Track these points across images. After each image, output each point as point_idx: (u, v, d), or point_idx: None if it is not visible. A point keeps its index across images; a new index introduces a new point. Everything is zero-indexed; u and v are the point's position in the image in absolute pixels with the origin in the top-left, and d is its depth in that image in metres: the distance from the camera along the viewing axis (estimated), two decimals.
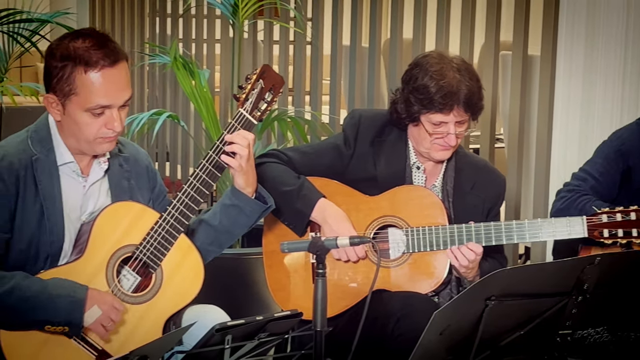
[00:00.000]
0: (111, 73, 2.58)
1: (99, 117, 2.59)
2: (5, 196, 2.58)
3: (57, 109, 2.62)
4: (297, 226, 3.05)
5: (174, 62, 4.37)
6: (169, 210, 2.68)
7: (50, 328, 2.51)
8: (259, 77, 2.81)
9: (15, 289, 2.50)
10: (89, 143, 2.63)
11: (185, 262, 2.72)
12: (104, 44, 2.59)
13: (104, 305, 2.55)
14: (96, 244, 2.63)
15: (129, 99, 2.65)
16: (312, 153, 3.17)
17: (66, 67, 2.56)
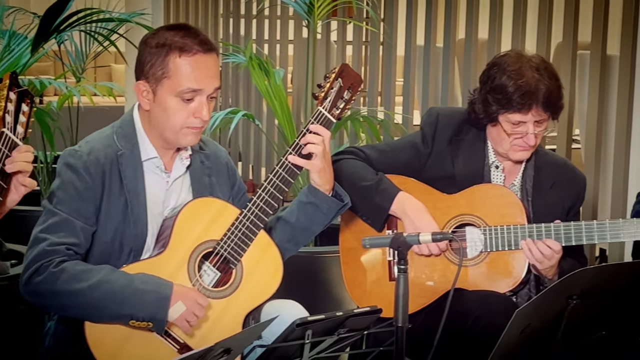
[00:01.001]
0: (204, 59, 2.64)
1: (188, 103, 2.64)
2: (92, 190, 2.63)
3: (147, 97, 2.67)
4: (376, 221, 3.05)
5: (250, 61, 4.42)
6: (249, 206, 2.71)
7: (134, 323, 2.54)
8: (337, 76, 2.83)
9: (102, 282, 2.54)
10: (175, 133, 2.67)
11: (265, 258, 2.75)
12: (197, 34, 2.67)
13: (188, 301, 2.58)
14: (178, 238, 2.67)
15: (218, 89, 2.69)
16: (389, 151, 3.17)
17: (160, 52, 2.63)
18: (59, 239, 2.57)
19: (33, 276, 2.54)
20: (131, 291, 2.54)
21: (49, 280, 2.52)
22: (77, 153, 2.66)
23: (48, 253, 2.55)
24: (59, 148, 5.86)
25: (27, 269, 2.55)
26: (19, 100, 2.35)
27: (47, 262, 2.54)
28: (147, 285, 2.56)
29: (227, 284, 2.70)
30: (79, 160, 2.64)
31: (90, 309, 2.54)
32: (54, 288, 2.52)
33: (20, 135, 2.34)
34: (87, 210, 2.63)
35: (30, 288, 2.55)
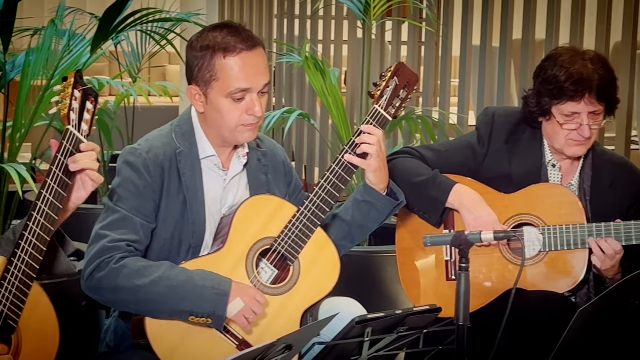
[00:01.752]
0: (249, 57, 2.64)
1: (240, 102, 2.65)
2: (151, 187, 2.66)
3: (200, 100, 2.69)
4: (432, 215, 3.04)
5: (306, 61, 4.43)
6: (306, 204, 2.72)
7: (193, 319, 2.56)
8: (393, 75, 2.84)
9: (162, 278, 2.56)
10: (232, 131, 2.68)
11: (322, 255, 2.75)
12: (239, 31, 2.67)
13: (247, 297, 2.59)
14: (236, 236, 2.68)
15: (268, 84, 2.70)
16: (444, 151, 3.17)
17: (206, 55, 2.64)
18: (120, 235, 2.59)
19: (94, 272, 2.57)
20: (191, 287, 2.55)
21: (110, 276, 2.55)
22: (136, 151, 2.69)
23: (109, 249, 2.57)
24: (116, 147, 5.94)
25: (88, 265, 2.58)
26: (83, 98, 2.37)
27: (108, 259, 2.57)
28: (207, 282, 2.57)
29: (284, 281, 2.71)
30: (139, 158, 2.67)
31: (151, 305, 2.56)
32: (115, 284, 2.55)
33: (85, 133, 2.37)
34: (147, 208, 2.65)
35: (91, 284, 2.58)
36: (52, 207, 2.26)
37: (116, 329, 2.76)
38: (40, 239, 2.23)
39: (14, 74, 4.22)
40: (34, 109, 4.11)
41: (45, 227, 2.24)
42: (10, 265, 2.18)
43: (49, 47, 4.20)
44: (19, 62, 4.26)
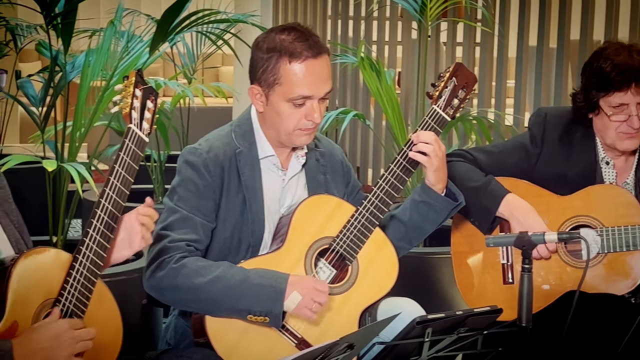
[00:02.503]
0: (314, 64, 2.64)
1: (300, 107, 2.66)
2: (211, 187, 2.68)
3: (260, 100, 2.70)
4: (483, 223, 3.03)
5: (361, 61, 4.44)
6: (364, 204, 2.73)
7: (252, 318, 2.57)
8: (452, 75, 2.84)
9: (220, 277, 2.58)
10: (289, 134, 2.70)
11: (380, 255, 2.75)
12: (307, 37, 2.66)
13: (304, 289, 2.58)
14: (295, 235, 2.69)
15: (329, 92, 2.71)
16: (497, 153, 3.15)
17: (271, 58, 2.65)
18: (179, 235, 2.62)
19: (155, 271, 2.60)
20: (248, 286, 2.57)
21: (170, 275, 2.58)
22: (197, 151, 2.71)
23: (169, 249, 2.60)
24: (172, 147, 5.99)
25: (149, 264, 2.61)
26: (144, 97, 2.39)
27: (168, 258, 2.59)
28: (263, 280, 2.59)
29: (342, 280, 2.71)
30: (199, 158, 2.69)
31: (209, 304, 2.58)
32: (175, 283, 2.57)
33: (146, 132, 2.38)
34: (207, 207, 2.67)
35: (152, 283, 2.61)
36: (115, 204, 2.28)
37: (176, 327, 2.79)
38: (104, 236, 2.26)
39: (74, 74, 4.29)
40: (93, 109, 4.17)
41: (108, 225, 2.27)
42: (75, 262, 2.21)
43: (108, 47, 4.25)
44: (78, 62, 4.32)
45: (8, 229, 2.30)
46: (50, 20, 3.92)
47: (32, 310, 2.13)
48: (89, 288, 2.21)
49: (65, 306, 2.17)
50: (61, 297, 2.18)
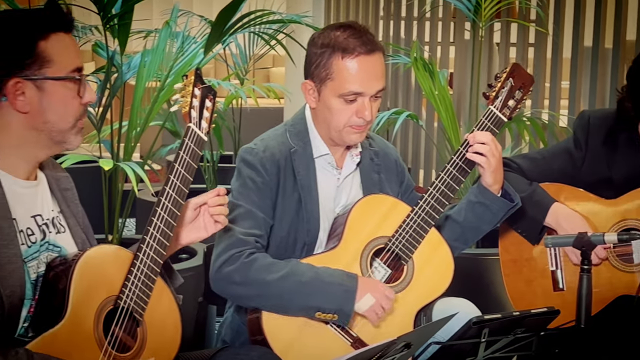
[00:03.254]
0: (366, 61, 2.65)
1: (351, 104, 2.67)
2: (268, 185, 2.70)
3: (313, 95, 2.72)
4: (531, 233, 3.01)
5: (414, 62, 4.43)
6: (420, 204, 2.73)
7: (320, 315, 2.58)
8: (509, 75, 2.83)
9: (291, 274, 2.60)
10: (339, 131, 2.71)
11: (436, 255, 2.75)
12: (362, 34, 2.68)
13: (377, 293, 2.60)
14: (351, 234, 2.70)
15: (382, 90, 2.71)
16: (540, 159, 3.12)
17: (324, 53, 2.66)
18: (247, 229, 2.64)
19: (224, 265, 2.61)
20: (319, 284, 2.58)
21: (242, 270, 2.59)
22: (253, 150, 2.73)
23: (239, 243, 2.62)
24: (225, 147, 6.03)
25: (217, 257, 2.62)
26: (202, 96, 2.40)
27: (238, 253, 2.61)
28: (333, 278, 2.60)
29: (397, 280, 2.72)
30: (256, 157, 2.71)
31: (279, 300, 2.59)
32: (246, 277, 2.59)
33: (204, 131, 2.40)
34: (266, 204, 2.69)
35: (220, 276, 2.61)
36: (175, 203, 2.30)
37: (231, 324, 2.81)
38: (164, 234, 2.27)
39: (130, 74, 4.33)
40: (148, 109, 4.21)
41: (168, 223, 2.28)
42: (136, 259, 2.23)
43: (163, 48, 4.29)
44: (134, 63, 4.37)
45: (74, 230, 2.32)
46: (107, 21, 3.96)
47: (94, 307, 2.15)
48: (149, 286, 2.23)
49: (126, 303, 2.19)
50: (122, 294, 2.20)
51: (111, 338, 2.16)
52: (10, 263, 2.10)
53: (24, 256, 2.15)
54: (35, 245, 2.20)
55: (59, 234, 2.27)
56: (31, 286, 2.15)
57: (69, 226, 2.31)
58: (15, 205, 2.16)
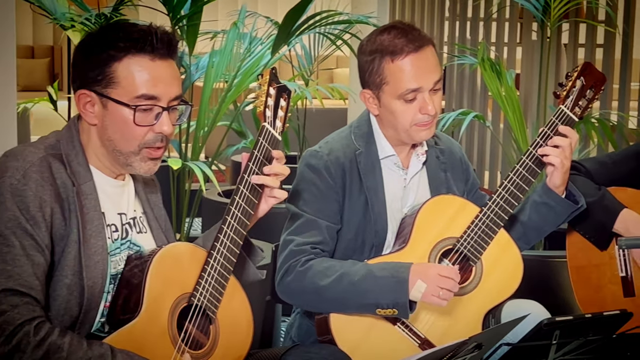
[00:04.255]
0: (416, 57, 2.65)
1: (412, 102, 2.66)
2: (334, 189, 2.70)
3: (373, 103, 2.72)
4: (599, 239, 2.98)
5: (481, 63, 4.41)
6: (489, 205, 2.71)
7: (380, 311, 2.58)
8: (579, 75, 2.80)
9: (344, 275, 2.60)
10: (407, 131, 2.70)
11: (505, 256, 2.73)
12: (407, 32, 2.67)
13: (427, 277, 2.56)
14: (419, 235, 2.69)
15: (439, 81, 2.69)
16: (610, 163, 3.08)
17: (374, 59, 2.66)
18: (304, 239, 2.65)
19: (284, 276, 2.63)
20: (371, 280, 2.58)
21: (297, 279, 2.61)
22: (317, 154, 2.74)
23: (295, 253, 2.64)
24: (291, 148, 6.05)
25: (278, 270, 2.66)
26: (277, 96, 2.41)
27: (295, 262, 2.63)
28: (385, 272, 2.59)
29: (466, 281, 2.70)
30: (320, 161, 2.71)
31: (337, 303, 2.60)
32: (302, 286, 2.60)
33: (279, 130, 2.41)
34: (330, 209, 2.69)
35: (282, 288, 2.65)
36: (249, 202, 2.31)
37: (300, 325, 2.82)
38: (237, 232, 2.29)
39: (198, 75, 4.38)
40: (216, 109, 4.25)
41: (241, 221, 2.30)
42: (210, 257, 2.25)
43: (230, 49, 4.33)
44: (202, 64, 4.41)
45: (156, 233, 2.35)
46: (176, 22, 4.01)
47: (168, 304, 2.17)
48: (222, 283, 2.25)
49: (199, 301, 2.21)
50: (196, 291, 2.21)
51: (184, 335, 2.18)
52: (96, 254, 2.14)
53: (108, 250, 2.19)
54: (117, 241, 2.23)
55: (140, 234, 2.30)
56: (109, 281, 2.19)
57: (150, 228, 2.34)
58: (104, 200, 2.20)
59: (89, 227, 2.13)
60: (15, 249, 2.02)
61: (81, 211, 2.12)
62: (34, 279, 2.03)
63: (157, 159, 2.20)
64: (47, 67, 13.31)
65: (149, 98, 2.13)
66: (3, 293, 1.99)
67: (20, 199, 2.04)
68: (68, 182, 2.12)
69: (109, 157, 2.20)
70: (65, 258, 2.09)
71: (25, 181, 2.05)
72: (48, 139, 2.20)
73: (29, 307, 2.00)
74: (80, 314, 2.11)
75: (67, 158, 2.15)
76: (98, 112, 2.16)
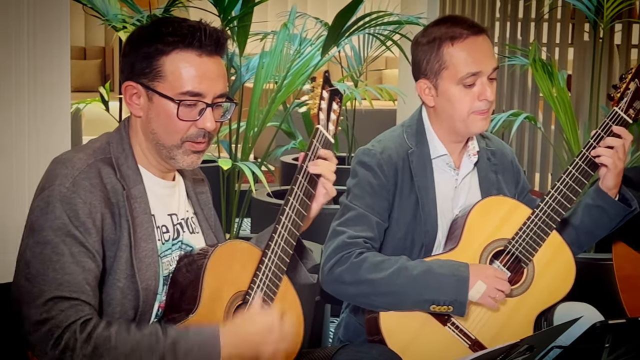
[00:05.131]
0: (476, 41, 2.64)
1: (471, 88, 2.65)
2: (385, 187, 2.70)
3: (430, 94, 2.71)
4: None
5: (533, 63, 4.37)
6: (541, 206, 2.69)
7: (435, 308, 2.57)
8: (634, 76, 2.77)
9: (402, 269, 2.59)
10: (464, 121, 2.68)
11: (557, 259, 2.71)
12: (463, 20, 2.69)
13: (487, 278, 2.58)
14: (470, 236, 2.68)
15: (496, 69, 2.69)
16: None
17: (433, 46, 2.66)
18: (357, 232, 2.64)
19: (335, 266, 2.62)
20: (430, 276, 2.57)
21: (352, 269, 2.60)
22: (370, 152, 2.73)
23: (348, 245, 2.63)
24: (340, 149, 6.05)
25: (327, 260, 2.64)
26: (330, 99, 2.41)
27: (348, 253, 2.62)
28: (445, 269, 2.59)
29: (517, 283, 2.68)
30: (373, 159, 2.71)
31: (392, 297, 2.59)
32: (357, 277, 2.59)
33: (331, 133, 2.41)
34: (381, 207, 2.69)
35: (331, 278, 2.63)
36: (303, 204, 2.30)
37: (347, 325, 2.82)
38: (291, 233, 2.28)
39: (248, 76, 4.40)
40: (266, 110, 4.26)
41: (295, 222, 2.29)
42: (264, 256, 2.25)
43: (280, 50, 4.34)
44: (252, 64, 4.43)
45: (207, 233, 2.35)
46: (227, 23, 4.03)
47: (223, 303, 2.18)
48: (276, 283, 2.26)
49: (253, 299, 2.21)
50: (251, 290, 2.22)
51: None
52: (147, 257, 2.14)
53: (159, 252, 2.19)
54: (168, 242, 2.24)
55: (192, 234, 2.31)
56: (163, 282, 2.19)
57: (201, 228, 2.34)
58: (154, 202, 2.21)
59: (139, 231, 2.13)
60: (65, 257, 2.02)
61: (131, 215, 2.12)
62: (85, 284, 2.03)
63: (199, 152, 2.19)
64: (98, 68, 13.46)
65: (194, 95, 2.13)
66: (52, 301, 2.00)
67: (69, 206, 2.04)
68: (118, 187, 2.12)
69: (153, 152, 2.20)
70: (117, 262, 2.10)
71: (75, 189, 2.06)
72: (98, 141, 2.21)
73: (77, 308, 2.00)
74: (135, 316, 2.12)
75: (116, 161, 2.16)
76: (143, 105, 2.16)
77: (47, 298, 1.99)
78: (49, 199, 2.05)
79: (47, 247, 2.02)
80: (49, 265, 2.01)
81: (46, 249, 2.02)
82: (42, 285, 2.00)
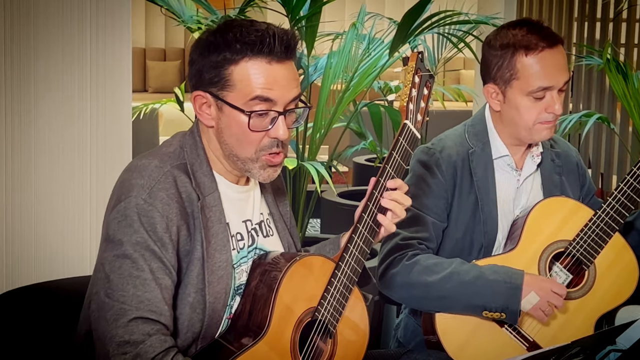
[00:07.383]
0: (551, 54, 2.58)
1: (539, 101, 2.60)
2: (444, 186, 2.67)
3: (497, 98, 2.66)
4: None
5: (606, 63, 4.29)
6: (603, 208, 2.63)
7: (487, 314, 2.54)
8: None
9: (453, 274, 2.57)
10: (528, 130, 2.64)
11: (619, 261, 2.65)
12: (540, 28, 2.61)
13: (541, 291, 2.53)
14: (530, 237, 2.64)
15: (568, 82, 2.63)
16: None
17: (506, 53, 2.60)
18: (411, 233, 2.62)
19: (388, 269, 2.61)
20: (482, 282, 2.54)
21: (403, 272, 2.58)
22: (429, 150, 2.71)
23: (401, 247, 2.61)
24: None
25: (382, 262, 2.63)
26: (421, 85, 2.22)
27: (400, 255, 2.60)
28: (498, 276, 2.55)
29: (578, 286, 2.63)
30: (432, 158, 2.69)
31: (442, 301, 2.56)
32: (408, 280, 2.57)
33: (418, 124, 2.23)
34: (438, 207, 2.66)
35: (385, 280, 2.62)
36: (382, 208, 2.21)
37: (406, 326, 2.80)
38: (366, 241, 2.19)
39: (316, 76, 4.40)
40: (333, 110, 4.26)
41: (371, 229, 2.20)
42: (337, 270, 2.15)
43: (349, 50, 4.33)
44: (320, 64, 4.43)
45: (282, 234, 2.28)
46: (295, 23, 4.03)
47: (294, 320, 2.09)
48: (345, 296, 2.14)
49: (323, 316, 2.12)
50: (321, 306, 2.12)
51: (306, 352, 2.11)
52: (220, 269, 2.08)
53: (233, 262, 2.13)
54: (243, 250, 2.17)
55: (267, 238, 2.23)
56: (233, 293, 2.13)
57: (277, 229, 2.27)
58: (228, 209, 2.14)
59: (213, 242, 2.07)
60: (145, 273, 1.97)
61: (205, 225, 2.05)
62: (163, 304, 1.97)
63: (276, 166, 2.10)
64: (178, 69, 13.62)
65: (264, 100, 2.04)
66: (135, 321, 1.94)
67: (147, 219, 1.98)
68: (193, 196, 2.05)
69: (228, 160, 2.13)
70: (188, 276, 2.04)
71: (152, 200, 1.99)
72: (171, 145, 2.13)
73: (161, 338, 1.95)
74: (202, 329, 2.07)
75: (191, 168, 2.08)
76: (214, 115, 2.08)
77: (130, 318, 1.94)
78: (126, 212, 1.99)
79: (126, 262, 1.97)
80: (128, 280, 1.96)
81: (125, 264, 1.97)
82: (122, 304, 1.95)
